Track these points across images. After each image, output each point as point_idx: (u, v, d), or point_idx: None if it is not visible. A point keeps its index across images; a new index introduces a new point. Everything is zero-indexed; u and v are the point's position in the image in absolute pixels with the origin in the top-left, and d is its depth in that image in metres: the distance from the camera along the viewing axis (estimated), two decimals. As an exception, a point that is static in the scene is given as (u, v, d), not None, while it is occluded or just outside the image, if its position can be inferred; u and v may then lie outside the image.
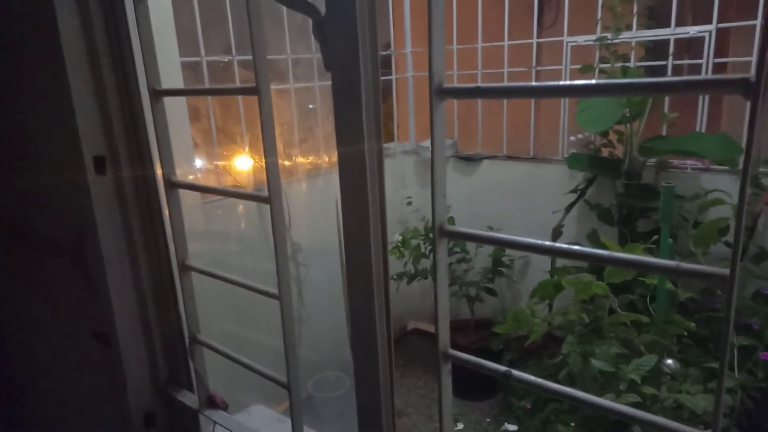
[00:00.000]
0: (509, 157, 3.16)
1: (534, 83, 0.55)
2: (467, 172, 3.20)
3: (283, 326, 0.89)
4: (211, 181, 2.45)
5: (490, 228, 3.04)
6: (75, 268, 1.25)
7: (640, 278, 1.60)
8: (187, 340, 1.12)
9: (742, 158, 2.21)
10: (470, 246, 3.08)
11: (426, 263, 3.08)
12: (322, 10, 0.74)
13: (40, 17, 0.98)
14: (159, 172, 1.07)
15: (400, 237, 3.01)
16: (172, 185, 1.00)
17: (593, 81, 0.51)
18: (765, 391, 1.69)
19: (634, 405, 1.35)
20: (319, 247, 2.66)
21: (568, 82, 0.49)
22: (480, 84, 0.57)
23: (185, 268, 1.04)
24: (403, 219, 3.30)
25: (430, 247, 3.08)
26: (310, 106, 2.88)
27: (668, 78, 1.97)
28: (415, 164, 3.43)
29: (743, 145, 2.46)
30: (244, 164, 2.56)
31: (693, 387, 1.34)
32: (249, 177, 2.55)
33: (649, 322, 1.51)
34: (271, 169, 0.82)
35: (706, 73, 2.55)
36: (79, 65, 0.99)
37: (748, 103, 0.43)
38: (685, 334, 1.55)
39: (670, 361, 1.45)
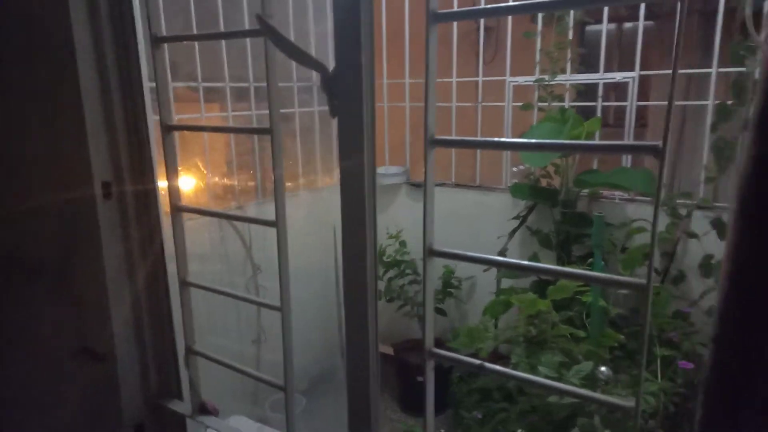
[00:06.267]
0: (458, 185, 3.38)
1: (508, 140, 0.71)
2: (419, 198, 3.39)
3: (283, 335, 1.01)
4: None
5: (440, 251, 3.23)
6: (61, 287, 1.32)
7: (578, 296, 1.81)
8: (182, 351, 1.22)
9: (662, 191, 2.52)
10: (421, 268, 3.26)
11: (380, 285, 3.23)
12: (330, 66, 0.89)
13: (62, 53, 1.08)
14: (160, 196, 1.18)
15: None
16: (178, 209, 1.12)
17: (556, 141, 0.69)
18: (684, 395, 1.93)
19: (573, 405, 1.54)
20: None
21: (536, 141, 0.66)
22: (465, 137, 0.73)
23: (186, 285, 1.15)
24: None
25: (384, 270, 3.24)
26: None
27: (601, 142, 2.22)
28: (368, 190, 3.60)
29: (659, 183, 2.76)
30: (186, 184, 2.58)
31: (623, 391, 1.55)
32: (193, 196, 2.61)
33: (586, 336, 1.72)
34: (279, 198, 0.96)
35: (630, 114, 2.88)
36: (93, 98, 1.10)
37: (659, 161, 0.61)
38: (616, 345, 1.77)
39: (603, 369, 1.66)
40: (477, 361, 0.81)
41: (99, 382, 1.26)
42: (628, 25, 5.09)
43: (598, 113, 2.98)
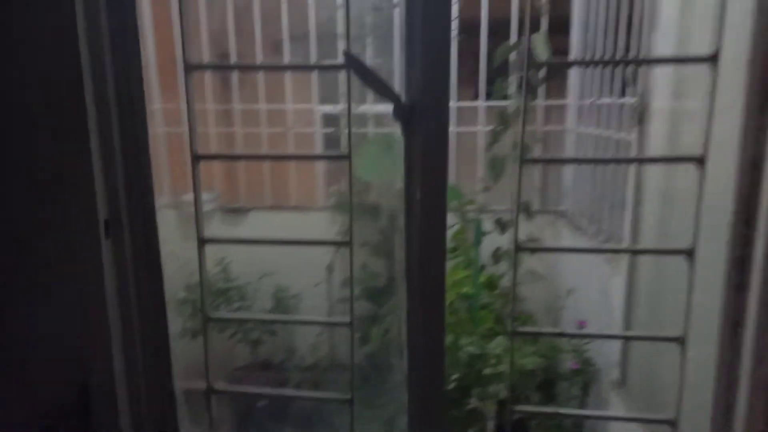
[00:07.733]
0: (273, 207, 3.44)
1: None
2: (235, 223, 3.35)
3: (350, 350, 1.06)
4: None
5: (266, 275, 3.24)
6: None
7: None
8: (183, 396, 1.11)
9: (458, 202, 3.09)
10: (249, 291, 3.23)
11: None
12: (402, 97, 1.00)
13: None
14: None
15: (184, 293, 2.94)
16: (204, 241, 1.04)
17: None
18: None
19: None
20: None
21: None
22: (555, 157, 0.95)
23: (207, 321, 1.07)
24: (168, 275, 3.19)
25: (212, 300, 3.10)
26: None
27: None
28: (177, 219, 3.37)
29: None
30: None
31: (518, 355, 1.94)
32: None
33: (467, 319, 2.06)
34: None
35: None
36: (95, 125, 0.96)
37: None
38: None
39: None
40: (557, 330, 1.02)
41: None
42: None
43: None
